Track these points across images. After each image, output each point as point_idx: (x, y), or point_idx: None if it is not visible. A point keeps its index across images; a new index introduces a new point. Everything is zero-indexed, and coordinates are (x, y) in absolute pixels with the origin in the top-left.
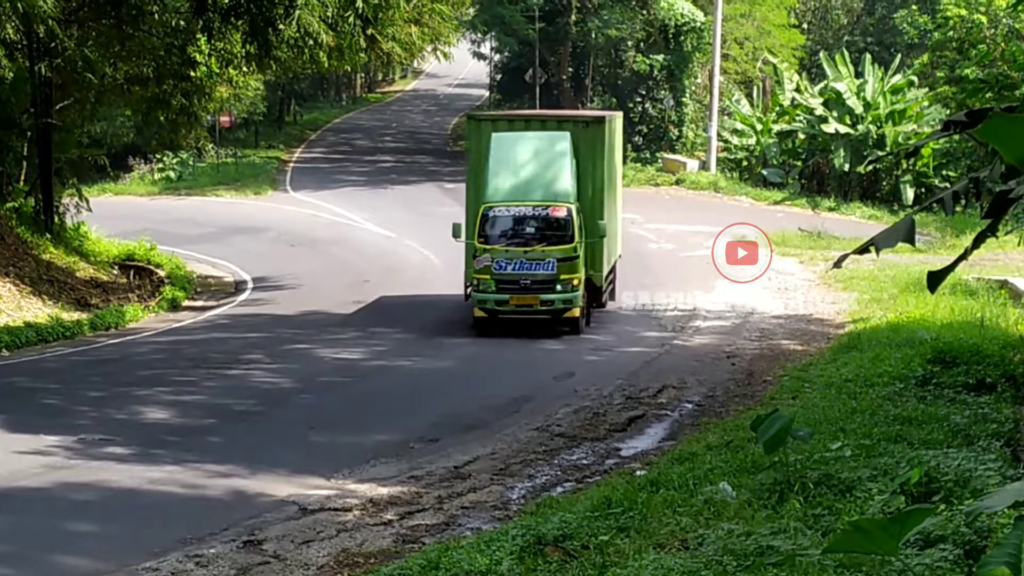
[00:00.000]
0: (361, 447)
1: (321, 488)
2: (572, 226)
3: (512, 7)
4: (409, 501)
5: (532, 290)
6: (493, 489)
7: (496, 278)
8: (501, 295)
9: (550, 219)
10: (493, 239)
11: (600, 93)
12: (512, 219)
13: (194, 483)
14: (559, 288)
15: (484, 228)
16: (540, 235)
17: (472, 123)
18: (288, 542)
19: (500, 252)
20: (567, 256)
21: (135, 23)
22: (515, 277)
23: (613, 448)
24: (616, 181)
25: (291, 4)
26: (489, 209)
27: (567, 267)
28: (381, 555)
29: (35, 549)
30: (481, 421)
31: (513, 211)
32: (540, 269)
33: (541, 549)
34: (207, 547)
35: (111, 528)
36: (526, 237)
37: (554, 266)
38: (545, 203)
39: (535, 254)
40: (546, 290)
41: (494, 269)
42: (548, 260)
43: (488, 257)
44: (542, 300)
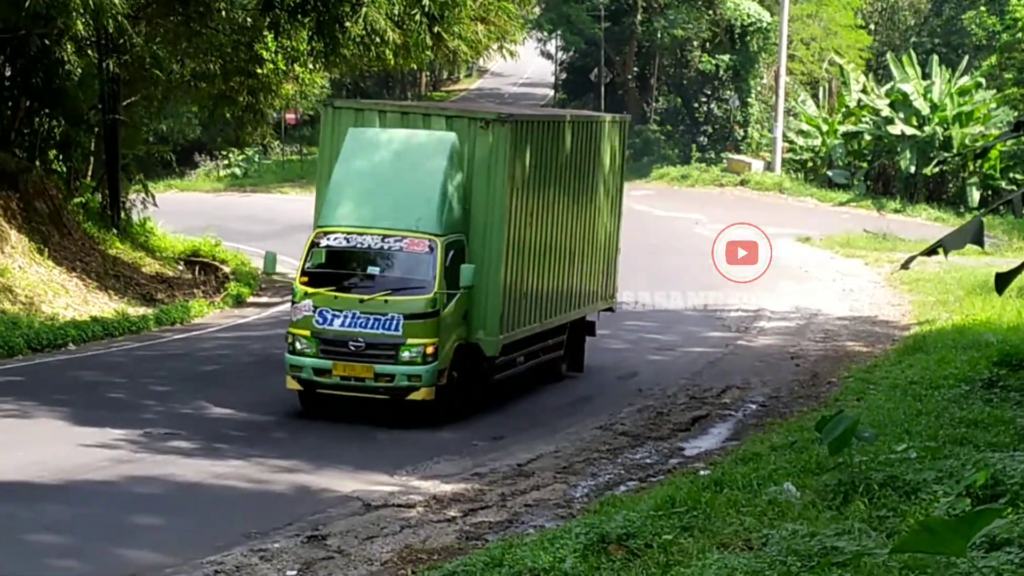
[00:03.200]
0: (425, 444)
1: (385, 484)
2: (434, 269)
3: (578, 6)
4: (472, 498)
5: (365, 357)
6: (556, 487)
7: (318, 336)
8: (322, 360)
9: (403, 257)
10: (321, 280)
11: (665, 93)
12: (351, 253)
13: (258, 478)
14: (405, 356)
15: (310, 263)
16: (386, 279)
17: (328, 112)
18: (352, 537)
19: (326, 299)
20: (421, 312)
21: (202, 20)
22: (343, 336)
23: (677, 447)
24: (600, 206)
25: (358, 2)
26: (321, 236)
27: (420, 328)
28: (444, 551)
29: (100, 542)
30: (545, 419)
31: (354, 241)
32: (380, 327)
33: (604, 547)
34: (271, 541)
35: (176, 522)
36: (367, 281)
37: (399, 325)
38: (400, 233)
39: (374, 306)
40: (385, 358)
41: (315, 323)
42: (392, 316)
43: (309, 305)
44: (377, 372)
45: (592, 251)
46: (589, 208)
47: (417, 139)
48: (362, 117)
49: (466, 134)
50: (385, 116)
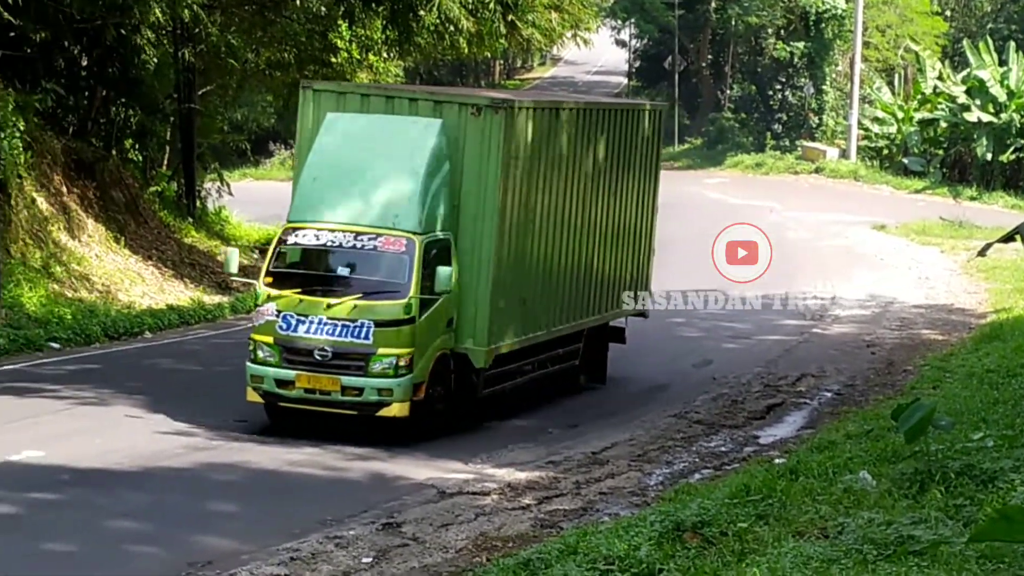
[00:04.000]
0: (499, 432)
1: (459, 472)
2: (410, 271)
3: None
4: (547, 486)
5: (332, 368)
6: (631, 475)
7: (281, 343)
8: (285, 371)
9: (377, 257)
10: (286, 281)
11: (740, 81)
12: (320, 252)
13: (334, 465)
14: (375, 368)
15: (276, 262)
16: (357, 282)
17: (306, 95)
18: (427, 525)
19: (291, 303)
20: (394, 319)
21: (277, 9)
22: (308, 344)
23: (751, 436)
24: (625, 202)
25: None
26: (289, 233)
27: (393, 336)
28: (519, 539)
29: (177, 528)
30: (619, 407)
31: (324, 239)
32: (348, 335)
33: (680, 535)
34: (347, 528)
35: (252, 509)
36: (336, 283)
37: (370, 332)
38: (375, 230)
39: (342, 311)
40: (353, 369)
41: (279, 328)
42: (362, 323)
43: (272, 309)
44: (345, 385)
45: (615, 251)
46: (609, 204)
47: (399, 126)
48: (343, 101)
49: (456, 121)
50: (368, 100)
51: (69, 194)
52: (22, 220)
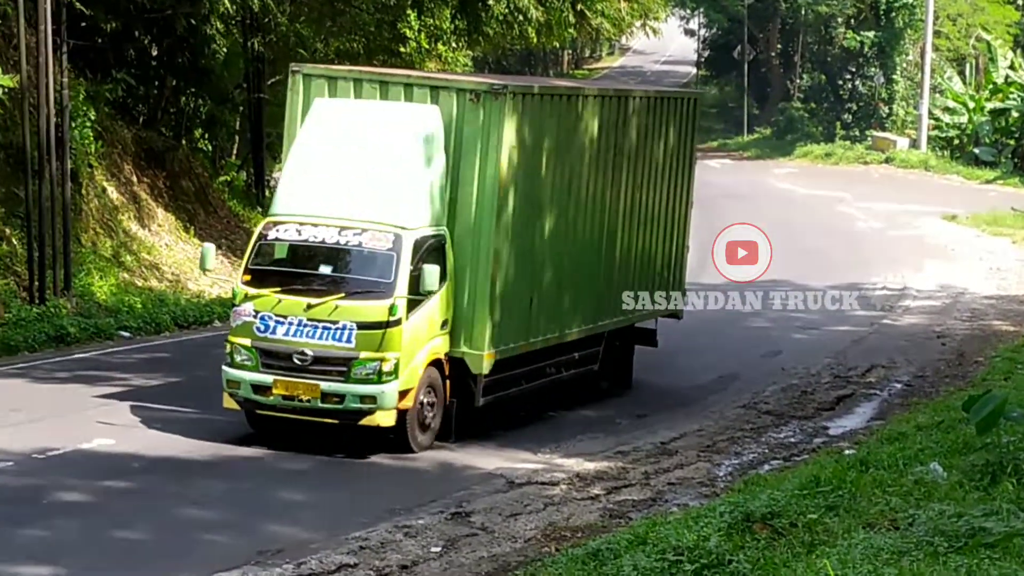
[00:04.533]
0: (568, 422)
1: (528, 462)
2: (397, 269)
3: None
4: (616, 476)
5: (312, 373)
6: (700, 466)
7: (258, 346)
8: (262, 375)
9: (362, 254)
10: (266, 279)
11: (809, 70)
12: (301, 248)
13: (403, 455)
14: (357, 373)
15: (256, 258)
16: (341, 280)
17: (296, 80)
18: (496, 515)
19: (269, 302)
20: (377, 321)
21: (347, 0)
22: (287, 347)
23: (821, 427)
24: (651, 197)
25: None
26: (270, 227)
27: (376, 340)
28: (588, 529)
29: (249, 516)
30: (688, 398)
31: (307, 234)
32: (329, 338)
33: (749, 526)
34: (416, 518)
35: (322, 498)
36: (318, 282)
37: (352, 335)
38: (360, 225)
39: (323, 311)
40: (334, 375)
41: (256, 330)
42: (343, 325)
43: (250, 309)
44: (324, 392)
45: (640, 249)
46: (632, 198)
47: (390, 113)
48: (335, 87)
49: (453, 108)
50: (361, 86)
51: (139, 183)
52: (93, 209)
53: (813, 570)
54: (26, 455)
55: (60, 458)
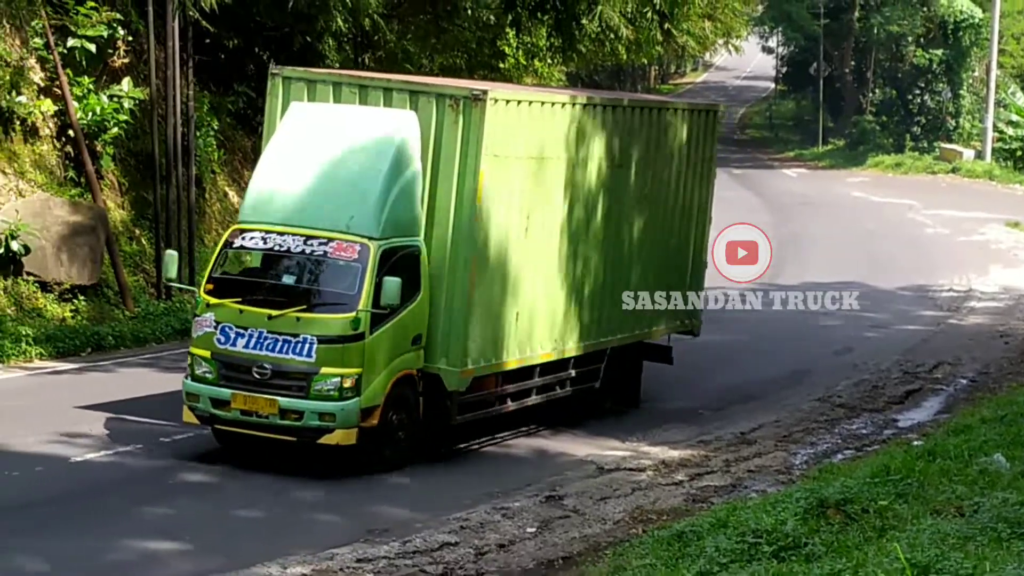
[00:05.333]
0: (654, 413)
1: (617, 450)
2: (361, 281)
3: (799, 4)
4: (698, 463)
5: (271, 387)
6: (777, 455)
7: (218, 358)
8: (221, 389)
9: (326, 265)
10: (229, 289)
11: (881, 85)
12: (266, 257)
13: (501, 442)
14: (317, 389)
15: (220, 267)
16: (304, 291)
17: (275, 83)
18: (586, 498)
19: (230, 313)
20: (339, 335)
21: (450, 18)
22: (247, 360)
23: (891, 419)
24: (664, 210)
25: (594, 0)
26: (236, 235)
27: (337, 354)
28: (672, 513)
29: (358, 497)
30: (765, 391)
31: (272, 243)
32: (289, 351)
33: (823, 511)
34: (512, 501)
35: (426, 481)
36: (281, 293)
37: (312, 349)
38: (327, 234)
39: (285, 324)
40: (293, 391)
41: (216, 342)
42: (304, 338)
43: (211, 320)
44: (283, 408)
45: (648, 264)
46: (638, 212)
47: (365, 118)
48: (314, 90)
49: (433, 115)
50: (340, 89)
51: None
52: (215, 212)
53: (883, 553)
54: (154, 439)
55: (185, 442)
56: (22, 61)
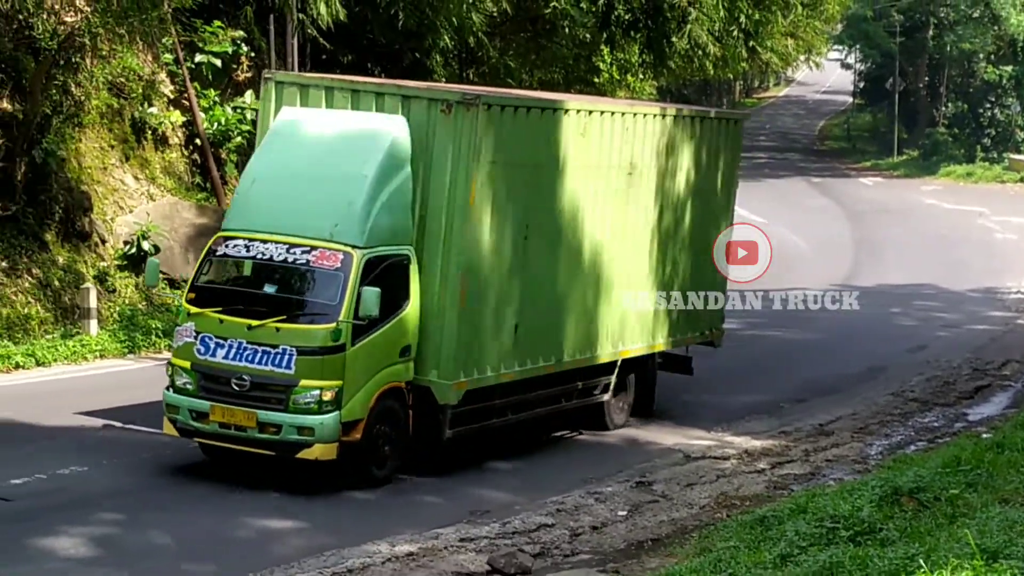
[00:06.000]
0: (737, 405)
1: (703, 439)
2: (343, 292)
3: (876, 23)
4: (779, 453)
5: (249, 400)
6: (854, 445)
7: (198, 369)
8: (200, 400)
9: (308, 274)
10: (210, 298)
11: (953, 100)
12: (248, 265)
13: (594, 431)
14: (295, 403)
15: (203, 275)
16: (285, 301)
17: (268, 88)
18: (674, 484)
19: (210, 323)
20: (319, 347)
21: (549, 36)
22: (226, 372)
23: (961, 413)
24: (680, 220)
25: (683, 19)
26: (220, 243)
27: (317, 366)
28: (755, 499)
29: (460, 484)
30: (842, 386)
31: (255, 251)
32: (269, 363)
33: (897, 499)
34: (605, 486)
35: (525, 467)
36: (262, 302)
37: (292, 361)
38: (310, 242)
39: (264, 334)
40: (273, 403)
41: (197, 352)
42: (283, 349)
43: (191, 329)
44: (261, 421)
45: (664, 273)
46: (656, 221)
47: (354, 124)
48: (307, 95)
49: (425, 120)
50: (333, 94)
51: None
52: None
53: (954, 539)
54: None
55: None
56: (154, 75)
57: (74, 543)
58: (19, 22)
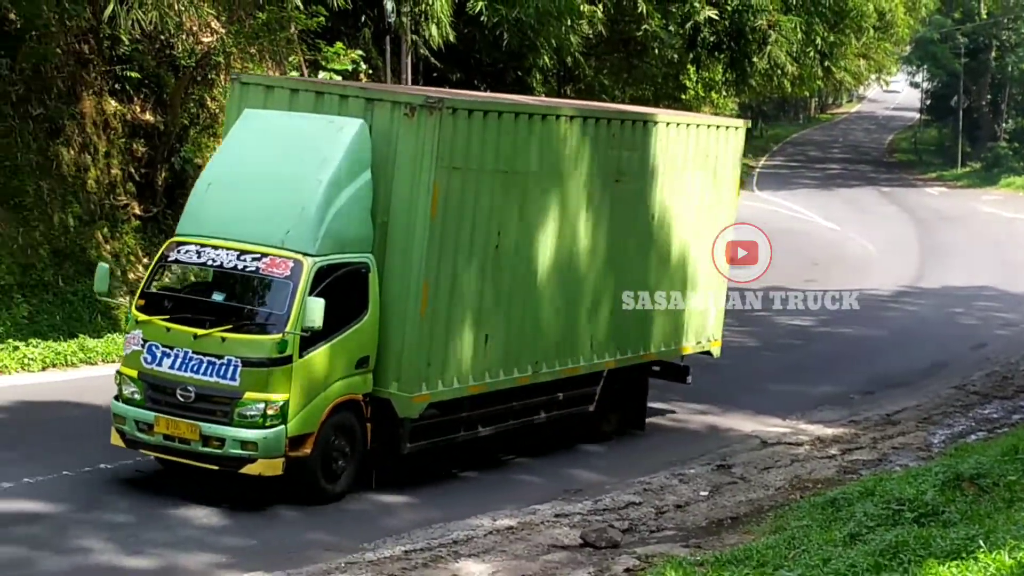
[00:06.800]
0: (810, 396)
1: (778, 426)
2: (291, 301)
3: (942, 45)
4: (849, 440)
5: (193, 412)
6: (918, 434)
7: (145, 378)
8: (146, 411)
9: (256, 282)
10: (160, 305)
11: (1014, 116)
12: (199, 272)
13: (678, 418)
14: (240, 416)
15: (154, 281)
16: (233, 310)
17: (235, 89)
18: (752, 467)
19: (157, 331)
20: (264, 358)
21: (640, 56)
22: (172, 382)
23: (1019, 406)
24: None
25: (764, 41)
26: (173, 247)
27: (262, 378)
28: (826, 482)
29: (556, 464)
30: (908, 379)
31: (206, 257)
32: (214, 374)
33: (959, 484)
34: (688, 468)
35: (615, 450)
36: (209, 311)
37: (236, 372)
38: (261, 249)
39: (210, 344)
40: (216, 416)
41: (143, 361)
42: (228, 360)
43: (139, 337)
44: (204, 434)
45: (653, 283)
46: (644, 230)
47: (311, 126)
48: (271, 96)
49: (388, 123)
50: (297, 96)
51: None
52: None
53: (1012, 522)
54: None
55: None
56: None
57: (207, 513)
58: (161, 42)
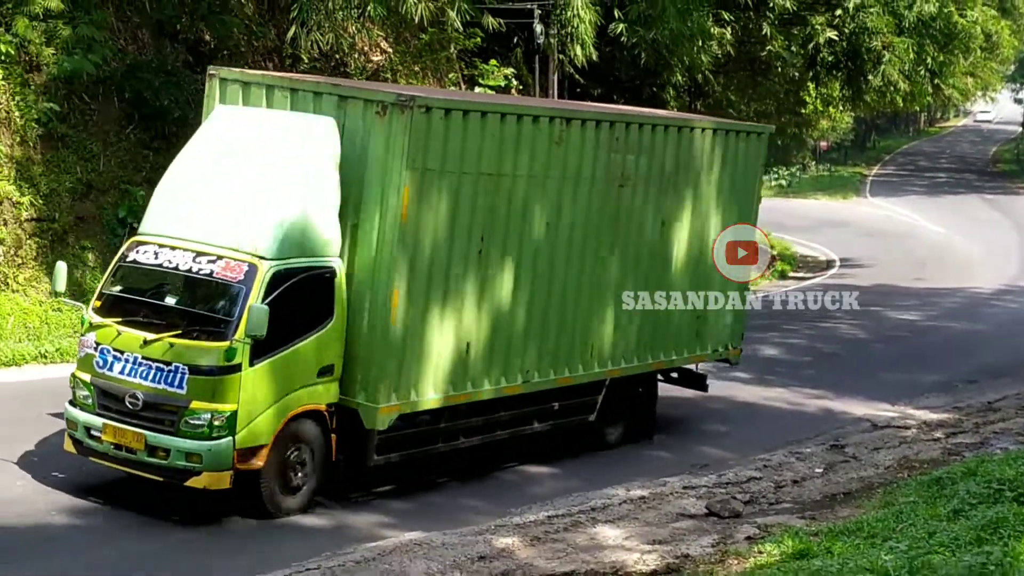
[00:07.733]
0: (917, 384)
1: (887, 411)
2: (242, 307)
3: None
4: (953, 425)
5: (140, 420)
6: (1018, 420)
7: (96, 383)
8: (96, 416)
9: (209, 286)
10: (114, 307)
11: None
12: (155, 274)
13: (796, 401)
14: (185, 426)
15: (112, 283)
16: (182, 315)
17: (211, 85)
18: (863, 448)
19: (108, 335)
20: (212, 366)
21: (764, 74)
22: (120, 388)
23: None
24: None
25: (878, 61)
26: (133, 247)
27: (209, 387)
28: (932, 463)
29: (684, 441)
30: (1009, 370)
31: (163, 258)
32: (161, 381)
33: None
34: (804, 447)
35: (736, 429)
36: (161, 314)
37: (184, 380)
38: (217, 251)
39: (159, 350)
40: (163, 425)
41: (96, 365)
42: (176, 367)
43: (92, 340)
44: (150, 444)
45: (664, 290)
46: (650, 236)
47: (278, 125)
48: (248, 93)
49: (361, 122)
50: (273, 92)
51: None
52: None
53: None
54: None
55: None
56: None
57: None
58: (336, 60)
